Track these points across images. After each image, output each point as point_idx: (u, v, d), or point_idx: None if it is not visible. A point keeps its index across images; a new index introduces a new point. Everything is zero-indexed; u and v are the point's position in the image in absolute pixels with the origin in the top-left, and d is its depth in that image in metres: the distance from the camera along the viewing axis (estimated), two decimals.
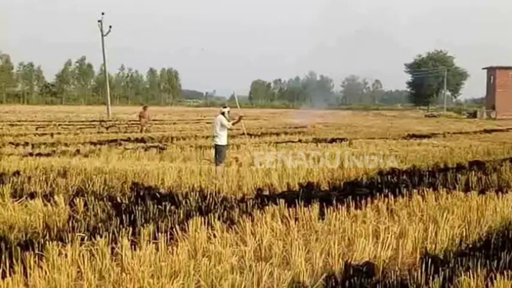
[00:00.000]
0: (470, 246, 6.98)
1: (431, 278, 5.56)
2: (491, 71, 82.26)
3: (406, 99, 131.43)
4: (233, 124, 14.29)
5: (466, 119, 69.32)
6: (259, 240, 7.03)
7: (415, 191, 10.00)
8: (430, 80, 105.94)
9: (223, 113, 14.17)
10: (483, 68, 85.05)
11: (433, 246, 6.91)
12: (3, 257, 5.95)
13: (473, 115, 75.85)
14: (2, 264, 5.74)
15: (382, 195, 9.65)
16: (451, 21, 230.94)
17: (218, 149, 13.94)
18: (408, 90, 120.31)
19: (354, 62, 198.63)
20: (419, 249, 6.78)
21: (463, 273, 5.65)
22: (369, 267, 5.90)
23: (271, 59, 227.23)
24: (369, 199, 9.30)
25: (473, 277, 5.51)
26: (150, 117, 28.96)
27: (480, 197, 9.53)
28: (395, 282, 5.54)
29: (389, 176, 12.19)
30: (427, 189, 10.16)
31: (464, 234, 7.46)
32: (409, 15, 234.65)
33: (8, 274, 5.55)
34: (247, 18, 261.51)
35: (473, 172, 12.61)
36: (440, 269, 5.76)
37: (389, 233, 7.17)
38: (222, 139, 13.96)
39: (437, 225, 7.57)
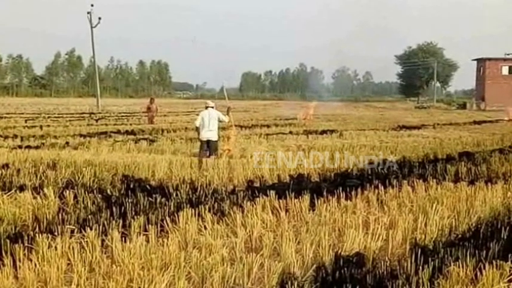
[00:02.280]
0: (460, 236, 7.01)
1: (420, 268, 5.58)
2: (480, 62, 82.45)
3: (396, 90, 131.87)
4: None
5: (456, 110, 69.57)
6: (249, 232, 7.04)
7: (405, 182, 10.04)
8: (420, 71, 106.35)
9: (208, 108, 14.40)
10: (473, 60, 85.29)
11: (423, 236, 6.94)
12: None
13: (463, 106, 76.12)
14: None
15: (373, 186, 9.68)
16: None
17: (212, 144, 14.04)
18: (398, 82, 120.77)
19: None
20: (409, 240, 6.81)
21: (452, 263, 5.68)
22: (359, 258, 5.92)
23: (261, 50, 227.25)
24: (359, 190, 9.32)
25: (463, 267, 5.54)
26: (157, 109, 28.79)
27: (470, 188, 9.58)
28: (385, 272, 5.56)
29: (379, 167, 12.22)
30: (417, 180, 10.19)
31: (453, 224, 7.49)
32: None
33: None
34: (238, 8, 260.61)
35: (462, 163, 12.66)
36: (429, 259, 5.78)
37: (379, 224, 7.20)
38: (216, 134, 14.03)
39: (427, 216, 7.60)
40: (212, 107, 14.53)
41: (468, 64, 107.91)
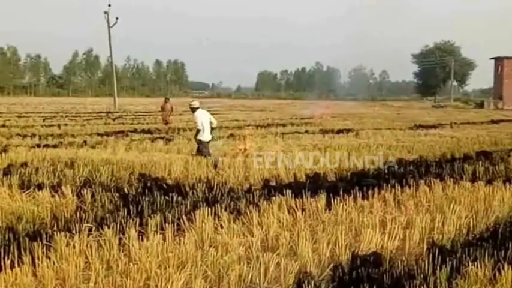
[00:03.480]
0: (478, 236, 6.97)
1: (438, 268, 5.55)
2: (498, 60, 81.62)
3: (413, 89, 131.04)
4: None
5: (473, 109, 68.98)
6: (266, 231, 7.04)
7: (422, 181, 9.98)
8: (437, 70, 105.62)
9: (195, 109, 14.45)
10: (491, 58, 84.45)
11: (440, 236, 6.90)
12: (11, 247, 5.97)
13: (481, 105, 75.46)
14: (10, 255, 5.77)
15: (389, 185, 9.63)
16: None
17: (204, 145, 14.12)
18: (415, 80, 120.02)
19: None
20: (426, 240, 6.77)
21: (470, 264, 5.64)
22: (376, 258, 5.89)
23: (278, 48, 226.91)
24: (375, 190, 9.27)
25: (481, 267, 5.50)
26: (172, 109, 28.75)
27: (487, 187, 9.49)
28: (402, 272, 5.53)
29: (396, 167, 12.16)
30: (434, 179, 10.12)
31: (471, 224, 7.43)
32: None
33: (16, 264, 5.58)
34: (254, 8, 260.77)
35: (480, 162, 12.56)
36: (447, 259, 5.75)
37: (396, 224, 7.15)
38: (208, 134, 14.22)
39: (444, 215, 7.55)
40: (199, 107, 14.62)
41: (486, 63, 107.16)
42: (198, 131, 14.19)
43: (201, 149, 14.08)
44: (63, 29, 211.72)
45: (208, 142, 14.28)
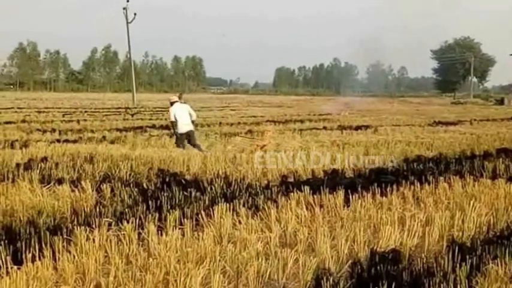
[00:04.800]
0: (498, 234, 6.90)
1: (458, 265, 5.51)
2: None
3: (432, 86, 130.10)
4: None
5: (493, 106, 68.29)
6: (284, 227, 7.04)
7: (441, 178, 9.90)
8: (456, 66, 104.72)
9: (173, 103, 15.92)
10: (511, 54, 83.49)
11: (460, 233, 6.84)
12: (32, 241, 6.04)
13: (501, 102, 74.58)
14: (31, 248, 5.84)
15: (408, 182, 9.57)
16: None
17: (193, 134, 15.59)
18: (434, 77, 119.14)
19: None
20: (446, 237, 6.72)
21: (490, 261, 5.60)
22: (394, 255, 5.86)
23: (295, 45, 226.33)
24: (394, 186, 9.22)
25: (501, 265, 5.46)
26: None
27: (508, 185, 9.39)
28: (421, 269, 5.51)
29: (415, 164, 12.08)
30: (454, 176, 10.03)
31: (491, 222, 7.37)
32: None
33: (37, 258, 5.65)
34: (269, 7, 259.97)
35: (500, 159, 12.41)
36: (467, 256, 5.70)
37: (415, 221, 7.11)
38: (191, 126, 15.67)
39: (464, 212, 7.49)
40: (177, 102, 16.02)
41: (506, 59, 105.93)
42: (172, 122, 15.69)
43: (176, 140, 15.66)
44: (82, 26, 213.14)
45: (183, 134, 15.50)
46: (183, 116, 15.55)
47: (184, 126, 15.48)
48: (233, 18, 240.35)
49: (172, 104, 15.89)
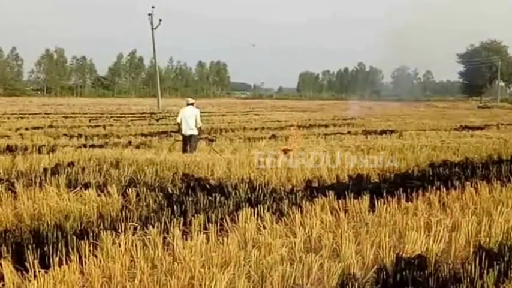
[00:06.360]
0: None
1: (485, 271, 5.44)
2: None
3: (458, 90, 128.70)
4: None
5: None
6: (308, 232, 7.02)
7: (467, 183, 9.78)
8: (483, 70, 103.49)
9: (189, 105, 16.52)
10: None
11: (487, 239, 6.75)
12: (59, 245, 6.11)
13: None
14: (58, 252, 5.91)
15: (434, 187, 9.47)
16: None
17: (194, 139, 16.00)
18: (460, 80, 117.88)
19: None
20: (473, 243, 6.63)
21: None
22: (421, 260, 5.81)
23: (319, 49, 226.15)
24: (420, 191, 9.13)
25: None
26: None
27: None
28: (448, 275, 5.45)
29: (441, 168, 11.95)
30: (481, 181, 9.91)
31: None
32: None
33: (64, 262, 5.71)
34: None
35: None
36: (495, 262, 5.63)
37: (441, 226, 7.04)
38: (195, 130, 16.09)
39: (491, 218, 7.39)
40: (191, 104, 16.66)
41: None
42: (178, 124, 16.38)
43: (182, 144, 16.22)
44: (108, 32, 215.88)
45: (186, 136, 16.09)
46: (189, 120, 16.12)
47: (189, 130, 16.07)
48: (256, 23, 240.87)
49: (188, 104, 16.71)
